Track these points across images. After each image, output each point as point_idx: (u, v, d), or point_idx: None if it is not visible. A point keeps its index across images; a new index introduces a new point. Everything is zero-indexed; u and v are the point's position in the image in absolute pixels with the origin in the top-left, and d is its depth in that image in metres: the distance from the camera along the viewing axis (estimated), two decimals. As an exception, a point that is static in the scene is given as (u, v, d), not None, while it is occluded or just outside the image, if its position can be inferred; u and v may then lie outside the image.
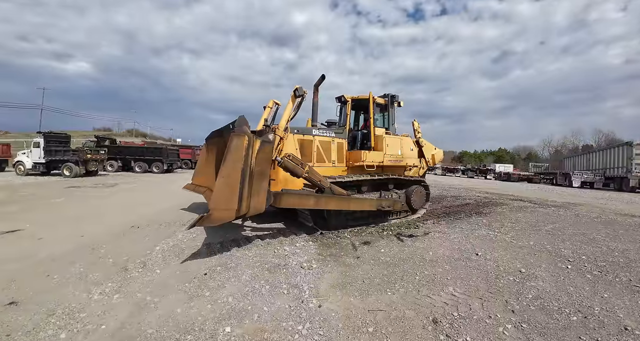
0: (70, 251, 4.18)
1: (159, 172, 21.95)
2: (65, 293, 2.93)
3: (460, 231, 5.88)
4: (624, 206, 10.72)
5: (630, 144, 20.41)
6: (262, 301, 2.77)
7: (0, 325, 2.36)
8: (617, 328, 2.50)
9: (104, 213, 6.84)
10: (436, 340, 2.28)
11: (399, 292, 3.08)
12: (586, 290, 3.27)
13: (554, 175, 28.49)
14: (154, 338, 2.20)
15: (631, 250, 4.81)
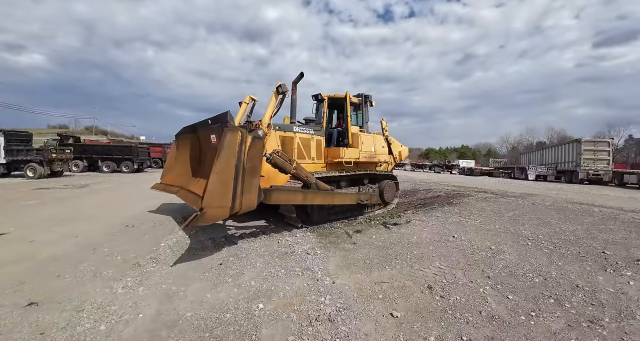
0: (71, 252, 4.16)
1: (128, 172, 21.04)
2: (84, 290, 2.98)
3: (436, 219, 6.58)
4: (573, 196, 12.21)
5: (579, 141, 23.01)
6: (282, 282, 3.15)
7: (29, 324, 2.37)
8: (570, 286, 3.19)
9: (87, 214, 6.69)
10: (433, 300, 2.81)
11: (395, 268, 3.59)
12: (544, 260, 4.00)
13: (512, 170, 31.12)
14: (195, 319, 2.45)
15: (579, 230, 5.73)
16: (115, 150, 21.35)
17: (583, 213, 7.72)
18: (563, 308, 2.70)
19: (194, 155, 6.07)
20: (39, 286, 3.07)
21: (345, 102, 7.08)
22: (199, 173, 5.70)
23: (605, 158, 22.35)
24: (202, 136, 5.55)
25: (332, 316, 2.47)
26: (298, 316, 2.48)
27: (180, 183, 5.85)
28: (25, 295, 2.89)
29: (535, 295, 2.95)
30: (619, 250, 4.49)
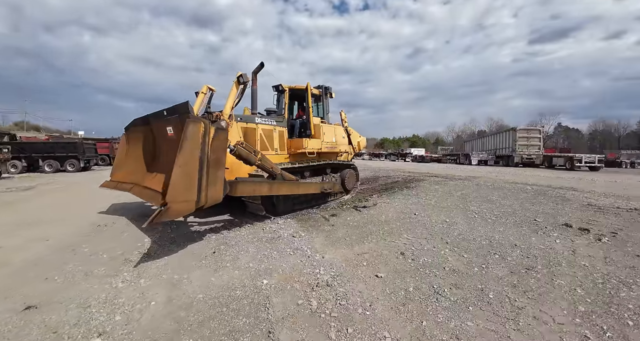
0: (48, 255, 4.01)
1: (74, 171, 19.24)
2: (82, 289, 2.97)
3: (398, 200, 7.34)
4: (510, 177, 14.00)
5: (515, 129, 26.12)
6: (278, 262, 3.52)
7: (36, 326, 2.36)
8: (510, 245, 4.00)
9: (47, 216, 6.26)
10: (407, 262, 3.41)
11: (372, 242, 4.16)
12: (489, 228, 4.85)
13: (458, 156, 34.20)
14: (208, 299, 2.71)
15: (515, 204, 6.83)
16: (57, 147, 19.33)
17: (518, 191, 9.06)
18: (506, 261, 3.47)
19: (147, 149, 5.74)
20: (29, 291, 2.97)
21: (306, 94, 7.17)
22: (155, 168, 5.43)
23: (537, 144, 25.67)
24: (156, 128, 5.29)
25: (329, 282, 2.93)
26: (300, 285, 2.90)
27: (134, 179, 5.54)
28: (17, 300, 2.79)
29: (484, 253, 3.70)
30: (547, 218, 5.55)
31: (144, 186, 5.01)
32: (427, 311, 2.43)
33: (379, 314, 2.40)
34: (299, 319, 2.35)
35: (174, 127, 4.63)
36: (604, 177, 14.84)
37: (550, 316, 2.35)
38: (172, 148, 4.64)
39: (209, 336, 2.15)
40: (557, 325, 2.24)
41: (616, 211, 5.92)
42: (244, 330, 2.21)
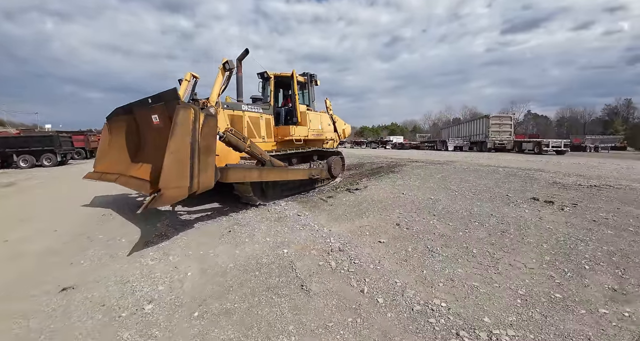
0: (64, 243, 4.12)
1: (51, 165, 18.52)
2: (113, 268, 3.20)
3: (386, 183, 7.90)
4: (484, 161, 14.98)
5: (488, 117, 27.48)
6: (291, 235, 3.95)
7: (81, 303, 2.53)
8: (487, 215, 4.62)
9: (42, 210, 6.26)
10: (402, 231, 3.95)
11: (370, 217, 4.67)
12: (468, 202, 5.49)
13: (435, 143, 35.59)
14: (239, 266, 3.09)
15: (490, 183, 7.56)
16: (32, 141, 18.46)
17: (492, 173, 9.89)
18: (484, 227, 4.08)
19: (131, 138, 5.65)
20: (58, 275, 3.10)
21: (291, 81, 7.17)
22: (140, 157, 5.36)
23: (508, 130, 27.23)
24: (140, 117, 5.22)
25: (340, 248, 3.41)
26: (317, 251, 3.36)
27: (118, 170, 5.45)
28: (50, 284, 2.92)
29: (466, 222, 4.30)
30: (517, 193, 6.27)
31: (130, 175, 4.98)
32: (425, 264, 2.97)
33: (388, 267, 2.91)
34: (323, 275, 2.81)
35: (159, 115, 4.60)
36: (569, 160, 16.20)
37: (522, 264, 2.95)
38: (158, 137, 4.73)
39: (252, 293, 2.56)
40: (528, 269, 2.84)
41: (577, 187, 6.76)
42: (280, 286, 2.65)
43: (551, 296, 2.37)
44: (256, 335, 2.00)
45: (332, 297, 2.42)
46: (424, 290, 2.49)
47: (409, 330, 2.00)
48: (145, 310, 2.36)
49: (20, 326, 2.24)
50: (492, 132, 26.80)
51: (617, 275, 2.69)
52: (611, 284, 2.54)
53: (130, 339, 2.02)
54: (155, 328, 2.12)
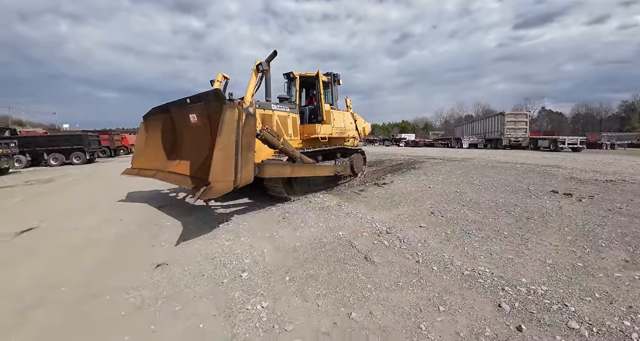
0: (135, 230, 4.60)
1: (80, 163, 19.52)
2: (195, 248, 3.72)
3: (410, 178, 8.43)
4: (501, 158, 15.33)
5: (503, 114, 27.59)
6: (340, 221, 4.54)
7: (181, 275, 2.98)
8: (512, 205, 5.13)
9: (95, 203, 6.66)
10: (437, 218, 4.50)
11: (404, 207, 5.23)
12: (492, 195, 5.99)
13: (449, 140, 35.70)
14: (305, 244, 3.68)
15: (510, 178, 8.02)
16: (62, 140, 19.54)
17: (510, 169, 10.31)
18: (510, 214, 4.59)
19: (167, 136, 6.00)
20: (146, 255, 3.53)
21: (316, 81, 7.44)
22: (177, 154, 5.70)
23: (523, 127, 27.27)
24: (177, 116, 5.53)
25: (387, 231, 3.99)
26: (368, 234, 3.95)
27: (155, 166, 5.78)
28: (143, 262, 3.34)
29: (494, 211, 4.82)
30: (538, 187, 6.74)
31: (169, 171, 5.35)
32: (465, 243, 3.53)
33: (433, 245, 3.48)
34: (380, 250, 3.39)
35: (197, 114, 4.92)
36: (585, 157, 16.35)
37: (548, 242, 3.48)
38: (195, 135, 5.17)
39: (326, 263, 3.16)
40: (553, 246, 3.37)
41: (594, 182, 7.16)
42: (347, 258, 3.24)
43: (574, 264, 2.90)
44: (343, 290, 2.60)
45: (394, 266, 3.00)
46: (469, 261, 3.05)
47: (464, 286, 2.57)
48: (242, 277, 2.97)
49: (135, 296, 2.67)
50: (508, 129, 26.88)
51: (629, 251, 3.19)
52: (624, 257, 3.05)
53: (241, 297, 2.62)
54: (258, 289, 2.72)
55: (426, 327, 2.05)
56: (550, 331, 1.98)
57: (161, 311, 2.41)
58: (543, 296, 2.38)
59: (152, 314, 2.39)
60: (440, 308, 2.27)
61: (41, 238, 4.38)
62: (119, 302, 2.58)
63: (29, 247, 4.00)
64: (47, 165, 18.85)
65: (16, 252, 3.84)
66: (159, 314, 2.38)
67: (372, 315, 2.21)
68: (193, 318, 2.29)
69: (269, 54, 6.47)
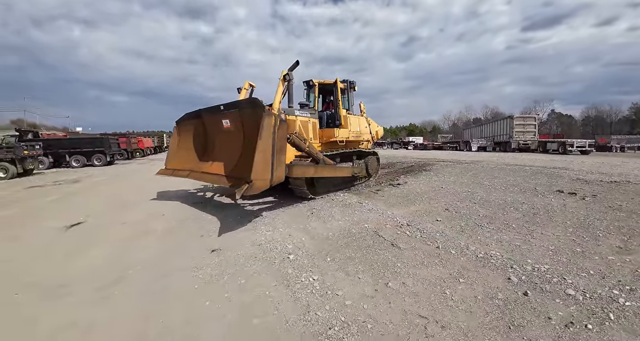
0: (177, 224, 5.10)
1: (101, 165, 20.32)
2: (239, 237, 4.26)
3: (423, 180, 8.91)
4: (509, 160, 15.69)
5: (512, 117, 27.91)
6: (364, 216, 5.06)
7: (236, 257, 3.48)
8: (520, 203, 5.59)
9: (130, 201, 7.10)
10: (452, 213, 5.00)
11: (420, 205, 5.74)
12: (501, 194, 6.45)
13: (458, 143, 35.98)
14: (336, 235, 4.20)
15: (518, 179, 8.45)
16: (84, 143, 20.46)
17: (518, 170, 10.71)
18: (518, 210, 5.07)
19: (198, 139, 6.56)
20: (198, 243, 4.06)
21: (334, 88, 8.02)
22: (209, 156, 6.24)
23: (532, 130, 27.53)
24: (209, 121, 6.07)
25: (408, 224, 4.51)
26: (391, 226, 4.47)
27: (188, 167, 6.34)
28: (199, 248, 3.85)
29: (503, 207, 5.30)
30: (544, 187, 7.17)
31: (203, 171, 5.95)
32: (478, 233, 4.03)
33: (450, 235, 3.99)
34: (403, 239, 3.92)
35: (231, 120, 5.47)
36: (593, 160, 16.60)
37: (551, 233, 3.96)
38: (227, 138, 5.70)
39: (358, 248, 3.69)
40: (555, 236, 3.85)
41: (599, 183, 7.56)
42: (376, 245, 3.77)
43: (573, 250, 3.39)
44: (378, 267, 3.13)
45: (417, 251, 3.52)
46: (482, 247, 3.55)
47: (478, 265, 3.08)
48: (290, 258, 3.51)
49: (201, 274, 3.14)
50: (516, 133, 27.14)
51: (623, 240, 3.66)
52: (618, 244, 3.52)
53: (294, 273, 3.16)
54: (306, 267, 3.26)
55: (450, 293, 2.57)
56: (551, 296, 2.48)
57: (229, 284, 2.97)
58: (545, 272, 2.88)
59: (222, 286, 2.94)
60: (460, 279, 2.79)
61: (92, 231, 4.91)
62: (189, 279, 3.13)
63: (85, 238, 4.53)
64: (69, 166, 19.70)
65: (74, 243, 4.34)
66: (228, 286, 2.94)
67: (405, 284, 2.74)
68: (258, 288, 2.84)
69: (292, 63, 6.99)
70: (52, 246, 4.22)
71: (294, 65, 6.99)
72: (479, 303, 2.43)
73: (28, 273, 3.34)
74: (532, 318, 2.19)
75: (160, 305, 2.62)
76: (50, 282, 3.11)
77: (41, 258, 3.79)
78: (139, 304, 2.66)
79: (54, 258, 3.77)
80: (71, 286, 3.01)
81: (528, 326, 2.11)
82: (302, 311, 2.40)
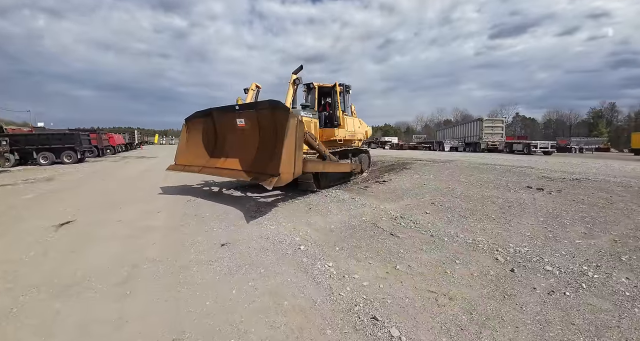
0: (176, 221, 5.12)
1: (71, 162, 19.03)
2: (247, 232, 4.44)
3: (405, 177, 9.44)
4: (480, 160, 16.76)
5: (481, 119, 29.57)
6: (359, 210, 5.40)
7: (249, 250, 3.69)
8: (496, 197, 6.19)
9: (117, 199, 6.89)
10: (437, 206, 5.49)
11: (407, 199, 6.19)
12: (478, 190, 7.06)
13: (431, 143, 37.58)
14: (339, 227, 4.49)
15: (491, 177, 9.18)
16: (53, 139, 19.14)
17: (490, 169, 11.57)
18: (495, 204, 5.65)
19: (208, 137, 6.93)
20: (206, 237, 4.16)
21: (333, 91, 8.72)
22: (221, 152, 6.65)
23: (499, 132, 29.48)
24: (220, 119, 6.49)
25: (401, 216, 4.91)
26: (386, 219, 4.85)
27: (199, 163, 6.74)
28: (208, 242, 3.95)
29: (481, 201, 5.87)
30: (515, 184, 7.89)
31: (217, 167, 6.35)
32: (464, 223, 4.52)
33: (440, 225, 4.44)
34: (400, 229, 4.31)
35: (246, 119, 5.89)
36: (555, 159, 18.14)
37: (526, 222, 4.53)
38: (242, 136, 6.15)
39: (362, 238, 4.02)
40: (530, 225, 4.42)
41: (562, 180, 8.43)
42: (377, 235, 4.13)
43: (547, 235, 3.94)
44: (384, 253, 3.48)
45: (415, 239, 3.92)
46: (469, 235, 4.02)
47: (469, 249, 3.52)
48: (301, 249, 3.76)
49: (219, 266, 3.28)
50: (485, 134, 28.91)
51: (587, 227, 4.28)
52: (583, 231, 4.13)
53: (308, 261, 3.41)
54: (319, 256, 3.52)
55: (450, 272, 2.97)
56: (533, 271, 2.95)
57: (250, 273, 3.17)
58: (525, 253, 3.37)
59: (243, 276, 3.13)
60: (456, 261, 3.20)
61: (86, 229, 4.69)
62: (208, 271, 3.25)
63: (81, 237, 4.33)
64: (37, 164, 18.38)
65: (70, 241, 4.13)
66: (249, 275, 3.14)
67: (411, 267, 3.11)
68: (279, 276, 3.07)
69: (296, 67, 7.73)
70: (48, 245, 4.02)
71: (298, 68, 7.66)
72: (475, 279, 2.84)
73: (35, 273, 3.22)
74: (521, 289, 2.63)
75: (188, 296, 2.71)
76: (63, 281, 2.99)
77: (42, 257, 3.62)
78: (163, 296, 2.70)
79: (56, 257, 3.60)
80: (86, 283, 2.94)
81: (518, 295, 2.54)
82: (326, 293, 2.68)
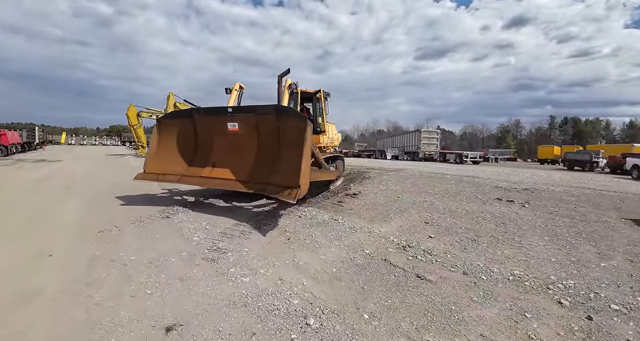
0: (87, 266, 3.79)
1: None
2: (202, 293, 3.11)
3: (372, 188, 8.86)
4: (425, 168, 17.47)
5: (420, 131, 31.62)
6: (353, 237, 4.39)
7: None
8: (480, 212, 5.90)
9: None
10: (434, 227, 4.87)
11: (396, 218, 5.45)
12: (458, 204, 6.76)
13: (373, 152, 38.92)
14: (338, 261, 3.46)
15: (452, 187, 9.23)
16: None
17: (444, 179, 11.85)
18: (487, 220, 5.33)
19: (185, 142, 6.03)
20: (135, 306, 2.93)
21: (315, 97, 8.47)
22: (206, 160, 5.78)
23: (435, 143, 32.09)
24: (204, 122, 5.77)
25: (408, 245, 4.10)
26: (394, 249, 3.99)
27: (178, 171, 5.73)
28: (141, 324, 2.79)
29: (471, 217, 5.50)
30: (483, 195, 7.91)
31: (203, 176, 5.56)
32: (479, 249, 3.97)
33: (458, 255, 3.77)
34: (421, 266, 3.49)
35: (241, 123, 5.28)
36: (486, 168, 20.07)
37: (535, 243, 4.21)
38: (235, 142, 5.49)
39: (387, 290, 3.05)
40: (542, 246, 4.08)
41: (517, 190, 8.87)
42: (402, 281, 3.20)
43: (569, 259, 3.60)
44: (434, 314, 2.57)
45: (451, 281, 3.10)
46: (501, 267, 3.43)
47: (519, 290, 2.89)
48: (311, 325, 2.62)
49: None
50: (423, 144, 31.05)
51: (592, 245, 4.19)
52: (594, 251, 3.99)
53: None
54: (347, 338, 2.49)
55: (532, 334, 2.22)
56: (605, 315, 2.42)
57: None
58: (575, 288, 2.93)
59: None
60: (525, 315, 2.50)
61: None
62: None
63: None
64: None
65: None
66: None
67: (485, 337, 2.24)
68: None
69: (284, 70, 7.25)
70: None
71: (285, 72, 7.27)
72: (563, 338, 2.18)
73: None
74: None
75: None
76: None
77: None
78: None
79: None
80: None
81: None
82: None
